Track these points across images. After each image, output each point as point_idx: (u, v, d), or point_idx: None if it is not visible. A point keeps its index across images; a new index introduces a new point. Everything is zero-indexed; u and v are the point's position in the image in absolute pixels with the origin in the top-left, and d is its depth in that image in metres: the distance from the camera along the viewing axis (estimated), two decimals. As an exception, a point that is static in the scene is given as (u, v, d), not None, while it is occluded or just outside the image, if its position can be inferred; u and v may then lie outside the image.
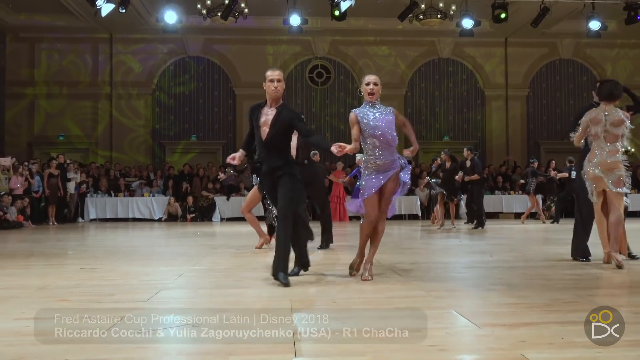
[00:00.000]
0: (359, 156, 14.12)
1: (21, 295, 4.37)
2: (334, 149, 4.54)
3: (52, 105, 20.29)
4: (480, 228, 12.24)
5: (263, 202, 7.91)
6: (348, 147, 4.63)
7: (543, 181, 15.91)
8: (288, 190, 4.81)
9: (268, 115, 4.88)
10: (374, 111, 4.97)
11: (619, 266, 5.68)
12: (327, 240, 7.59)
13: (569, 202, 15.46)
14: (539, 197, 16.21)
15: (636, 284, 4.77)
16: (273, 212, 7.41)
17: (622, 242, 6.28)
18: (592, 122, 5.97)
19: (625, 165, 5.93)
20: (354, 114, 5.00)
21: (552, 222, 14.67)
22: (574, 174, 14.61)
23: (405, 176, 5.13)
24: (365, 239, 5.10)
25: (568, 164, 14.76)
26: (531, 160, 15.76)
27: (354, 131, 4.97)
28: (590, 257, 6.26)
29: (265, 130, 4.85)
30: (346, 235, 10.95)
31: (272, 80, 4.87)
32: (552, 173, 15.18)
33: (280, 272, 4.59)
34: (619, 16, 16.88)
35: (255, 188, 8.17)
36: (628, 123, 6.04)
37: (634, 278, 5.14)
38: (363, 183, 5.05)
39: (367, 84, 5.03)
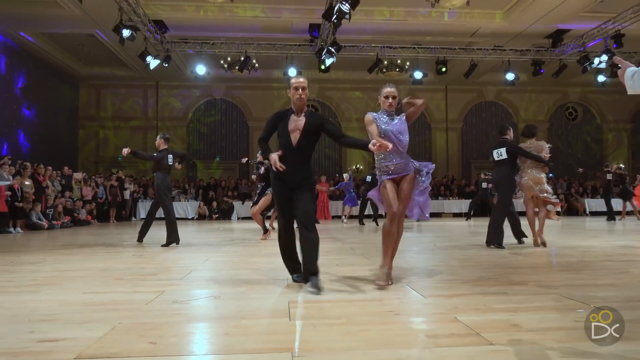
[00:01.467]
0: (346, 175, 14.21)
1: (87, 275, 4.34)
2: (371, 146, 3.41)
3: (113, 135, 20.18)
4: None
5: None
6: (385, 142, 3.43)
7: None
8: (310, 203, 3.66)
9: (298, 121, 3.75)
10: (387, 117, 3.92)
11: (544, 244, 6.44)
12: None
13: (480, 205, 15.77)
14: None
15: (540, 265, 4.81)
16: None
17: (539, 230, 6.69)
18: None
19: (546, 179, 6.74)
20: (370, 115, 3.93)
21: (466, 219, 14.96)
22: (484, 184, 14.98)
23: (424, 179, 3.91)
24: (388, 243, 3.80)
25: (482, 176, 14.99)
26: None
27: (373, 128, 3.80)
28: (504, 246, 6.36)
29: (296, 136, 3.71)
30: (329, 230, 10.95)
31: (297, 88, 3.75)
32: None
33: (312, 276, 3.49)
34: (528, 70, 17.09)
35: (269, 195, 7.89)
36: (547, 147, 6.50)
37: (538, 261, 5.17)
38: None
39: (387, 97, 3.92)
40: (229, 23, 14.42)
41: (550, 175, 19.07)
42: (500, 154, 6.60)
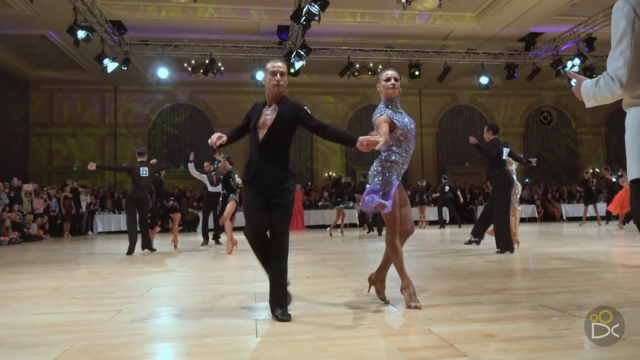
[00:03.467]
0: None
1: (38, 294, 4.20)
2: (359, 145, 2.94)
3: (67, 143, 19.68)
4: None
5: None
6: (381, 140, 2.94)
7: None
8: (287, 212, 3.16)
9: (267, 115, 3.21)
10: (401, 111, 3.44)
11: (517, 243, 7.25)
12: None
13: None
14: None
15: (515, 273, 4.91)
16: None
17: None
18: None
19: None
20: (386, 114, 3.32)
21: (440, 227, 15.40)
22: (447, 188, 15.32)
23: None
24: (401, 257, 3.38)
25: (443, 181, 15.33)
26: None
27: (385, 128, 3.21)
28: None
29: (262, 132, 3.18)
30: (303, 240, 10.93)
31: (274, 74, 3.17)
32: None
33: (278, 308, 3.04)
34: (501, 73, 17.54)
35: (234, 202, 7.95)
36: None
37: (514, 268, 5.28)
38: (389, 186, 3.29)
39: (387, 80, 3.43)
40: (193, 24, 14.33)
41: (526, 180, 19.62)
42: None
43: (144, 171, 7.93)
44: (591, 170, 18.78)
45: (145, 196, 8.10)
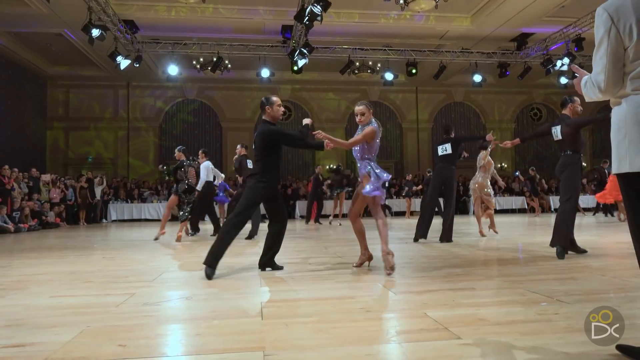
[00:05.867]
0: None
1: (55, 278, 4.21)
2: (326, 146, 4.19)
3: (82, 135, 19.67)
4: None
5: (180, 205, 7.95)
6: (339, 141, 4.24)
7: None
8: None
9: None
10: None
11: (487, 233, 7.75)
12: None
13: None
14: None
15: (506, 260, 4.91)
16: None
17: (493, 222, 8.06)
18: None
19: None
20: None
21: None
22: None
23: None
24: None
25: (427, 175, 15.36)
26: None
27: (360, 138, 4.16)
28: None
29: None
30: (304, 229, 10.92)
31: (280, 105, 4.44)
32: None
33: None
34: (494, 72, 17.47)
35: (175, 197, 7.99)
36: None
37: (505, 256, 5.29)
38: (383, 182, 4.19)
39: (356, 115, 4.31)
40: (201, 24, 14.26)
41: (516, 173, 19.65)
42: (444, 149, 7.19)
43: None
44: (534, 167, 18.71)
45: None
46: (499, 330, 2.37)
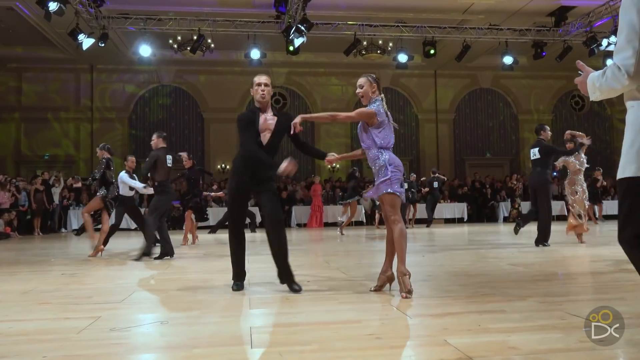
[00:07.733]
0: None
1: (5, 299, 4.21)
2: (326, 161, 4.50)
3: (38, 128, 19.69)
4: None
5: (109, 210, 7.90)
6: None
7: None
8: (277, 202, 4.39)
9: (268, 120, 4.25)
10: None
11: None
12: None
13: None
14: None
15: (542, 277, 4.91)
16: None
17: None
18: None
19: None
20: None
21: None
22: (436, 184, 15.37)
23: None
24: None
25: (432, 175, 15.33)
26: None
27: (353, 114, 4.63)
28: None
29: (266, 135, 4.22)
30: (303, 241, 10.95)
31: (259, 84, 4.28)
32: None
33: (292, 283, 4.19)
34: (528, 52, 17.48)
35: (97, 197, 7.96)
36: None
37: (540, 272, 5.28)
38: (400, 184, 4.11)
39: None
40: (179, -5, 14.30)
41: (554, 174, 19.58)
42: (534, 153, 7.91)
43: (169, 160, 8.28)
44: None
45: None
46: (533, 360, 2.37)
